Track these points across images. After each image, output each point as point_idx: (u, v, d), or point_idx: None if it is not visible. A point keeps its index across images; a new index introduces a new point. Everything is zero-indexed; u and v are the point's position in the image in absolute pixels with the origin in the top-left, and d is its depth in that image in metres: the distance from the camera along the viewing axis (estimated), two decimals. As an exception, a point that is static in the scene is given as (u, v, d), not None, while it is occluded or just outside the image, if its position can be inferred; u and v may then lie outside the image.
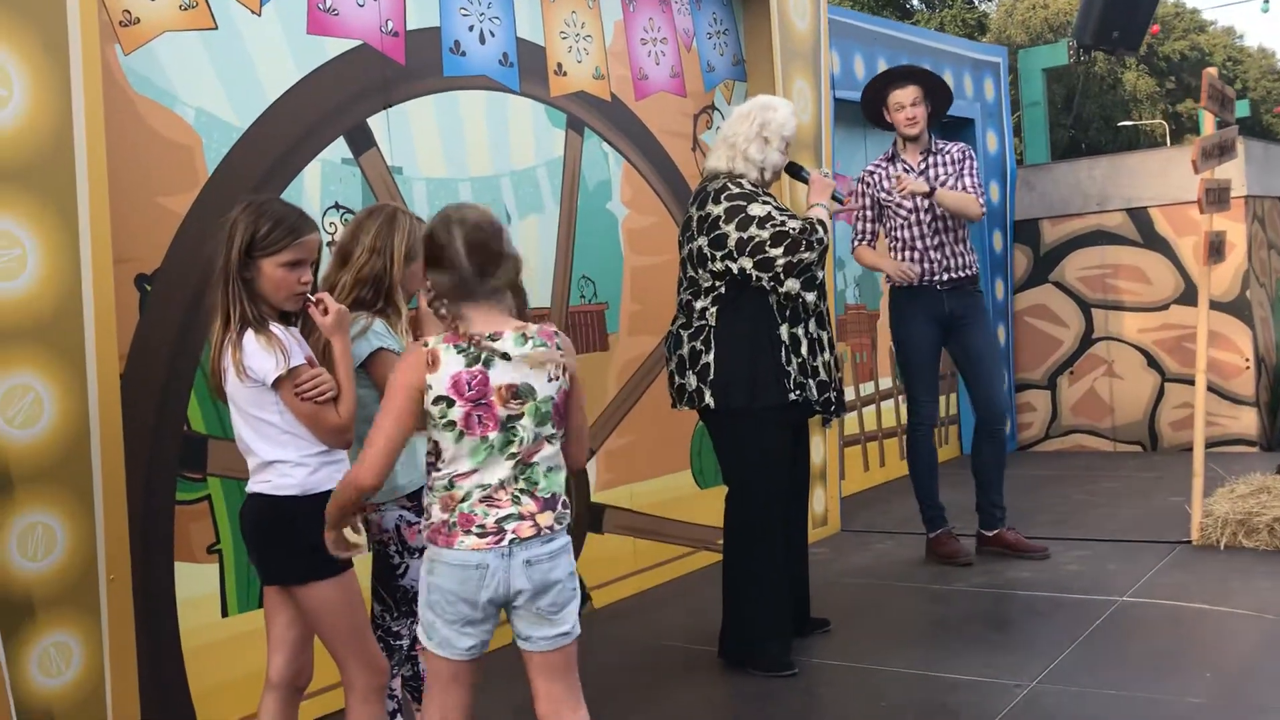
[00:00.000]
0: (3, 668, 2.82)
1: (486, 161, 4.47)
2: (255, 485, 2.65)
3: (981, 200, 5.08)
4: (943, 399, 7.88)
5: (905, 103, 5.09)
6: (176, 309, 3.41)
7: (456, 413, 2.34)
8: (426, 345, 2.38)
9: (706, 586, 4.85)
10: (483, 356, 2.35)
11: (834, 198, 4.11)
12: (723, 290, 3.89)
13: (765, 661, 3.90)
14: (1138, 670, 3.70)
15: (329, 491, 2.51)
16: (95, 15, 3.06)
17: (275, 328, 2.61)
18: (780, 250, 3.78)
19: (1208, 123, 5.34)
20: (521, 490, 2.37)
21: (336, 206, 3.90)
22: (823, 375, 3.94)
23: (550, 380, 2.39)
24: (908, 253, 5.11)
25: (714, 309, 3.90)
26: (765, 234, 3.79)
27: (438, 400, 2.35)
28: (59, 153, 2.96)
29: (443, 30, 4.31)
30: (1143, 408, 7.95)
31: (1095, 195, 8.07)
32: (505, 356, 2.35)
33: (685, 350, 3.96)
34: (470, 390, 2.34)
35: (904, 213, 5.11)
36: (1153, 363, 7.88)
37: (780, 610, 4.00)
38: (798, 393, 3.87)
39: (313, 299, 2.66)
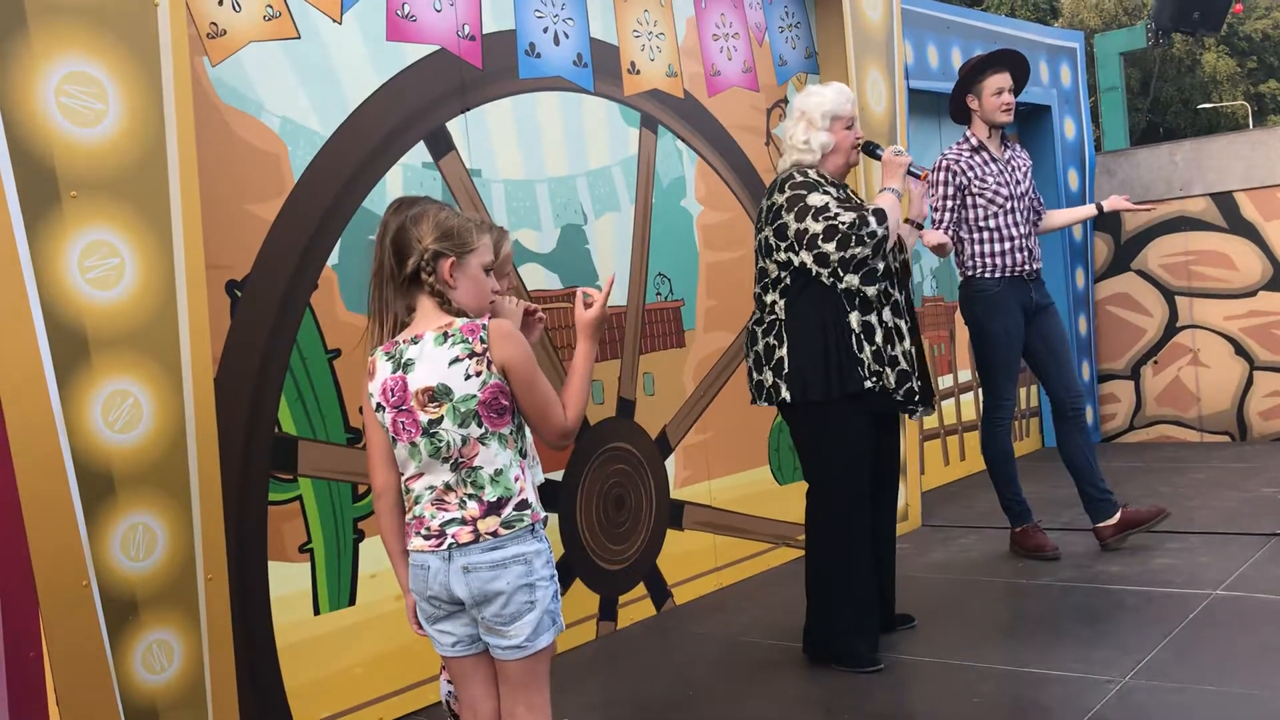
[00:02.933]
0: (110, 663, 2.90)
1: (562, 162, 4.50)
2: None
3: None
4: (1022, 390, 7.78)
5: (1005, 88, 5.02)
6: (266, 314, 3.48)
7: (386, 419, 2.38)
8: (371, 355, 2.42)
9: (788, 582, 4.85)
10: (403, 361, 2.37)
11: (910, 173, 4.06)
12: (789, 281, 3.87)
13: (851, 658, 3.88)
14: (1235, 665, 3.62)
15: None
16: (185, 29, 3.14)
17: None
18: (832, 246, 3.75)
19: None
20: (468, 495, 2.36)
21: (417, 210, 3.95)
22: (902, 365, 3.88)
23: (469, 378, 2.33)
24: (1001, 243, 5.03)
25: (782, 301, 3.89)
26: (819, 227, 3.76)
27: (377, 408, 2.40)
28: (152, 164, 3.04)
29: (518, 33, 4.35)
30: (1230, 397, 7.76)
31: (1178, 180, 7.89)
32: (414, 362, 2.36)
33: (760, 346, 3.96)
34: (393, 397, 2.37)
35: (1001, 199, 5.03)
36: (1240, 350, 7.69)
37: (866, 607, 3.97)
38: (873, 380, 3.83)
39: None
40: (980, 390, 5.37)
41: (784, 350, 3.88)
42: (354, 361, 3.62)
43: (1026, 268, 5.05)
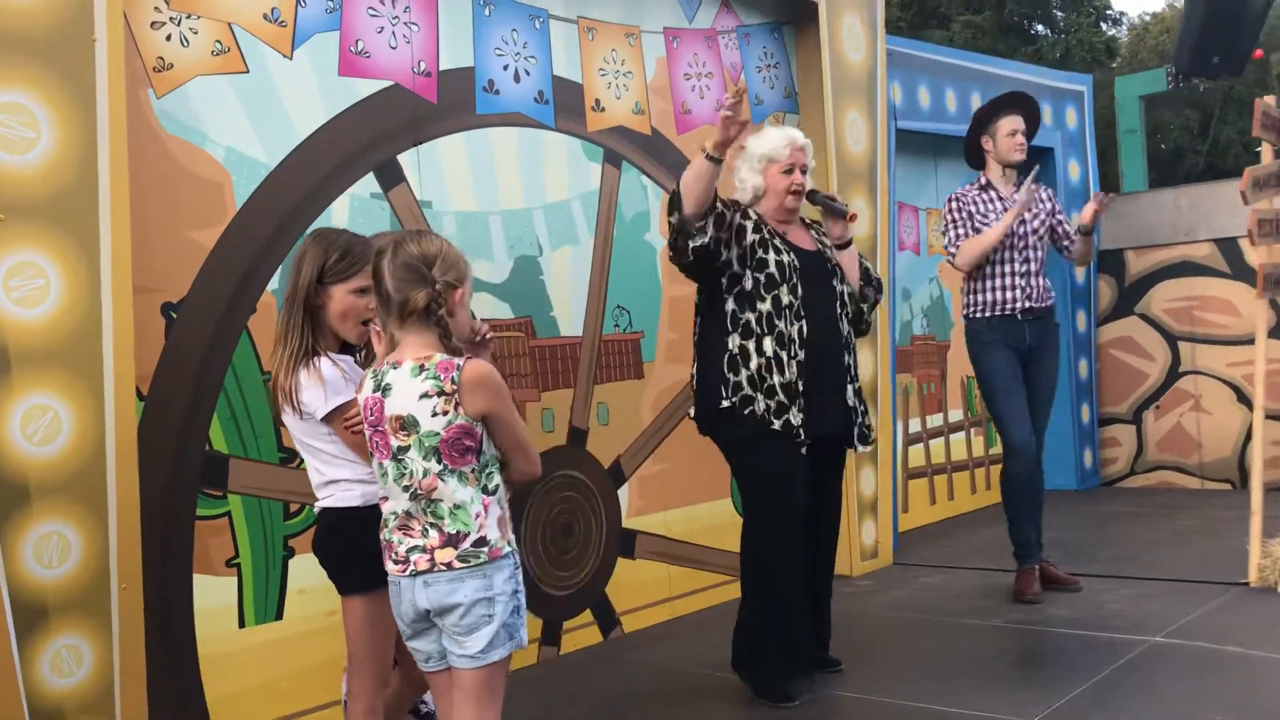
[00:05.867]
0: (16, 665, 3.03)
1: (518, 194, 4.62)
2: (322, 502, 2.85)
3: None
4: (980, 438, 7.70)
5: (1019, 129, 5.11)
6: (201, 335, 3.63)
7: (367, 434, 2.47)
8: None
9: (737, 614, 4.88)
10: (382, 384, 2.46)
11: (834, 210, 4.13)
12: (702, 306, 4.05)
13: (771, 692, 3.91)
14: (1146, 712, 3.60)
15: None
16: (122, 63, 3.30)
17: (330, 360, 2.78)
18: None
19: (1266, 153, 5.18)
20: (430, 524, 2.45)
21: (363, 239, 4.08)
22: (780, 395, 3.85)
23: (434, 415, 2.40)
24: (991, 280, 5.06)
25: (699, 323, 4.07)
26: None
27: (363, 420, 2.49)
28: (83, 190, 3.20)
29: (476, 70, 4.49)
30: (1232, 444, 7.67)
31: (1183, 225, 7.84)
32: (391, 387, 2.44)
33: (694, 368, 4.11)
34: (371, 415, 2.46)
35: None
36: (1242, 398, 7.60)
37: (788, 639, 3.96)
38: (732, 401, 3.85)
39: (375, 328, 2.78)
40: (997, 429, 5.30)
41: (695, 368, 4.06)
42: (288, 383, 3.74)
43: (1019, 305, 5.05)
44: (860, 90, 6.00)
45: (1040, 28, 32.14)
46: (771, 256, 3.94)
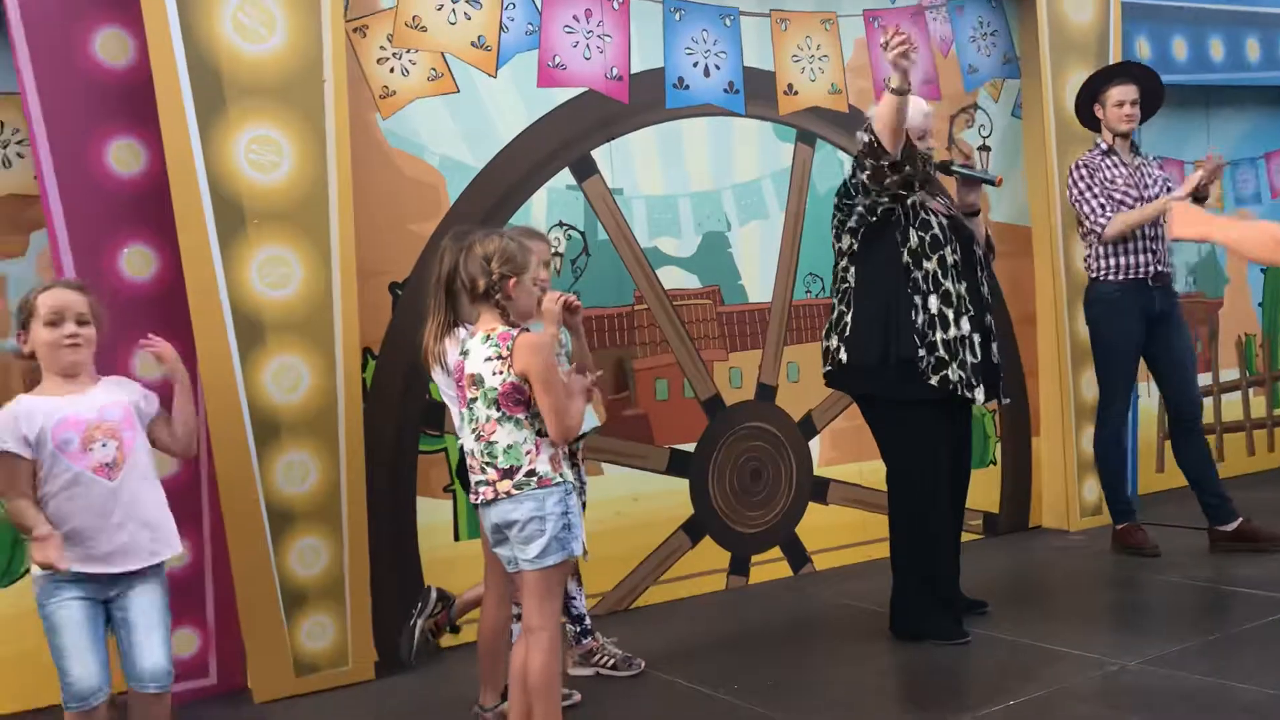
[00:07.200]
0: (271, 559, 4.08)
1: (707, 177, 5.20)
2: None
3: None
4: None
5: (1127, 100, 5.15)
6: (420, 307, 4.52)
7: (454, 388, 3.20)
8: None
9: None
10: (464, 350, 3.17)
11: (980, 179, 4.37)
12: (857, 248, 4.27)
13: (940, 631, 4.19)
14: (1268, 667, 3.66)
15: None
16: (345, 98, 4.22)
17: (466, 329, 3.57)
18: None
19: None
20: (487, 461, 3.09)
21: (560, 224, 4.85)
22: (940, 351, 4.08)
23: (495, 374, 3.06)
24: (1133, 242, 5.10)
25: (853, 268, 4.25)
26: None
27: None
28: (316, 198, 4.16)
29: (666, 69, 5.11)
30: None
31: None
32: (469, 352, 3.12)
33: (833, 314, 4.32)
34: (458, 374, 3.18)
35: (1130, 202, 5.12)
36: None
37: (944, 584, 4.29)
38: (923, 352, 4.07)
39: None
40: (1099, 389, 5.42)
41: (850, 315, 4.25)
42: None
43: (1150, 270, 5.06)
44: (1087, 51, 6.01)
45: None
46: (933, 218, 4.22)
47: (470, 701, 3.67)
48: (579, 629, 4.12)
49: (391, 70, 4.53)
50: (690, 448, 5.12)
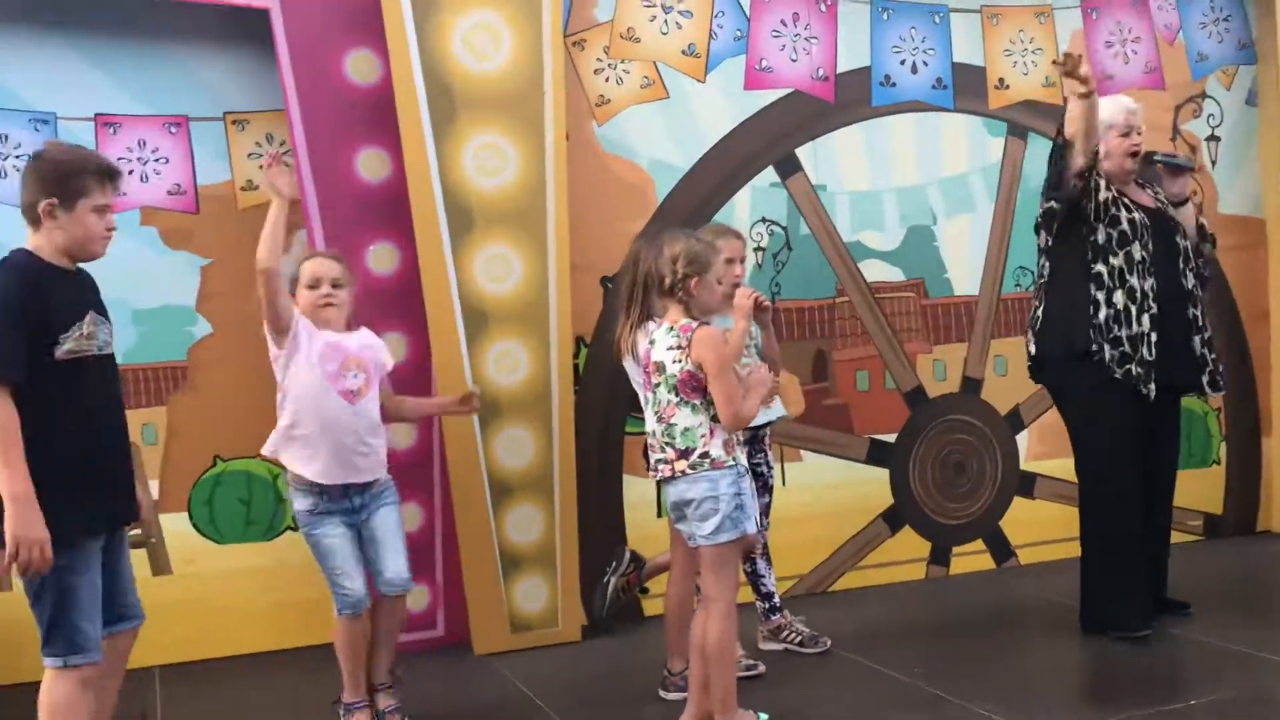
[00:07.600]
0: (491, 525, 4.52)
1: (912, 172, 5.30)
2: None
3: None
4: None
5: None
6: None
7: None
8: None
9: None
10: (651, 339, 3.44)
11: (1180, 166, 4.31)
12: (1050, 245, 4.33)
13: (1121, 624, 4.18)
14: None
15: None
16: (563, 108, 4.59)
17: (656, 323, 3.89)
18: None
19: None
20: (666, 441, 3.37)
21: (764, 220, 5.09)
22: (1125, 346, 4.10)
23: (675, 363, 3.33)
24: None
25: (1047, 264, 4.33)
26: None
27: None
28: (535, 200, 4.56)
29: (873, 68, 5.24)
30: None
31: None
32: (655, 342, 3.40)
33: (1032, 311, 4.42)
34: (645, 361, 3.46)
35: None
36: None
37: (1133, 578, 4.27)
38: (1096, 347, 4.10)
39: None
40: None
41: (1040, 309, 4.35)
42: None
43: None
44: (1332, 32, 5.72)
45: None
46: (1123, 214, 4.23)
47: (662, 665, 3.98)
48: (767, 605, 4.35)
49: (606, 80, 4.88)
50: (891, 438, 5.25)
